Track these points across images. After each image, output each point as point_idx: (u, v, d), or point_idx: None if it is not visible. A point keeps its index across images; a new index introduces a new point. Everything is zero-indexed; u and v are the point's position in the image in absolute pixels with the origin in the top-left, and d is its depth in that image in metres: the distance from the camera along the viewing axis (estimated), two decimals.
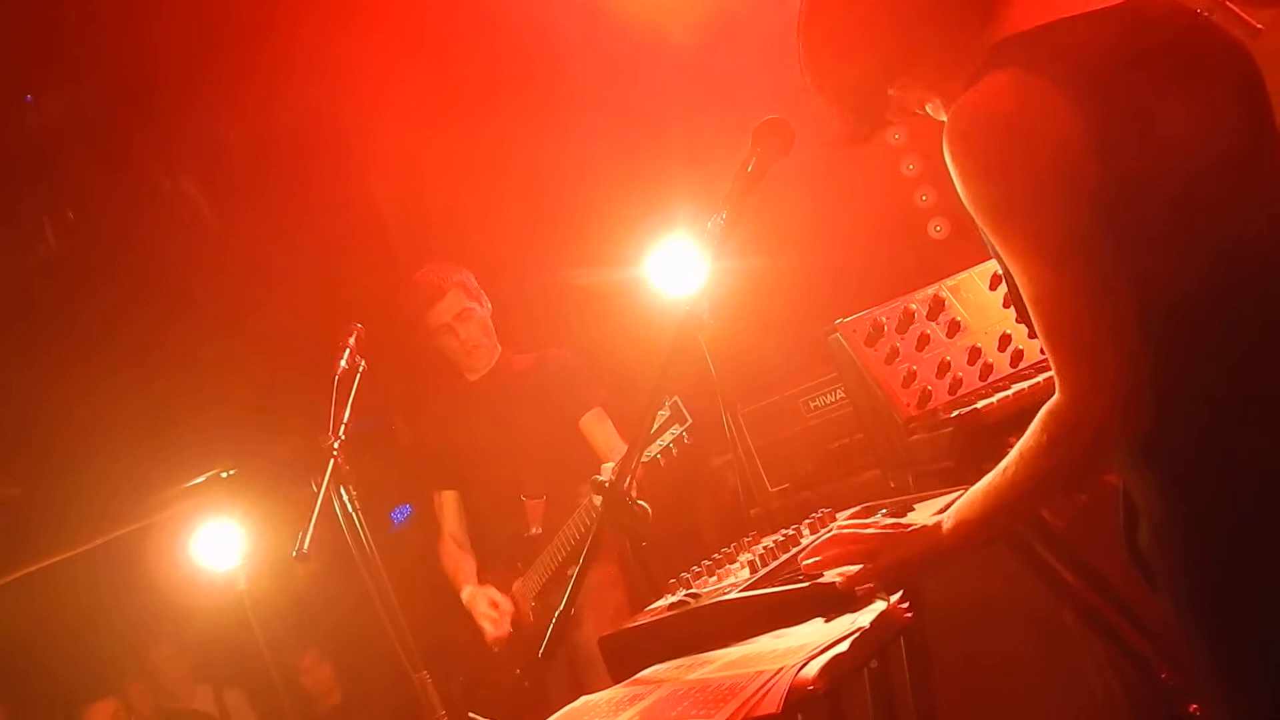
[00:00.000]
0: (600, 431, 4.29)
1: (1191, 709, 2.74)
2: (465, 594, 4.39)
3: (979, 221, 1.83)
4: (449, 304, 4.37)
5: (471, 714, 4.11)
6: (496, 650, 4.30)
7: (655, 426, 3.58)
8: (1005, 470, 1.88)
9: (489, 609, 4.31)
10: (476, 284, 4.45)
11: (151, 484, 5.64)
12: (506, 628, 4.29)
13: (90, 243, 6.21)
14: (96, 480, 5.75)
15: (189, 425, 5.70)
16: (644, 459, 3.51)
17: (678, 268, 3.21)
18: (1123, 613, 2.85)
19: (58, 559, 5.68)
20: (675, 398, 3.47)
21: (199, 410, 5.74)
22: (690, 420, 3.44)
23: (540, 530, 4.26)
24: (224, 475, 5.45)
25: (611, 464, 3.99)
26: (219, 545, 4.58)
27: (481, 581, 4.41)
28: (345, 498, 3.63)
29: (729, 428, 3.19)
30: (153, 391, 5.75)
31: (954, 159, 1.80)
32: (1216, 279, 1.76)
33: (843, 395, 4.08)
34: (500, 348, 4.49)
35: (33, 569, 5.70)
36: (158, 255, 6.04)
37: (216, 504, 4.80)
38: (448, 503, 4.57)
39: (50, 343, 6.01)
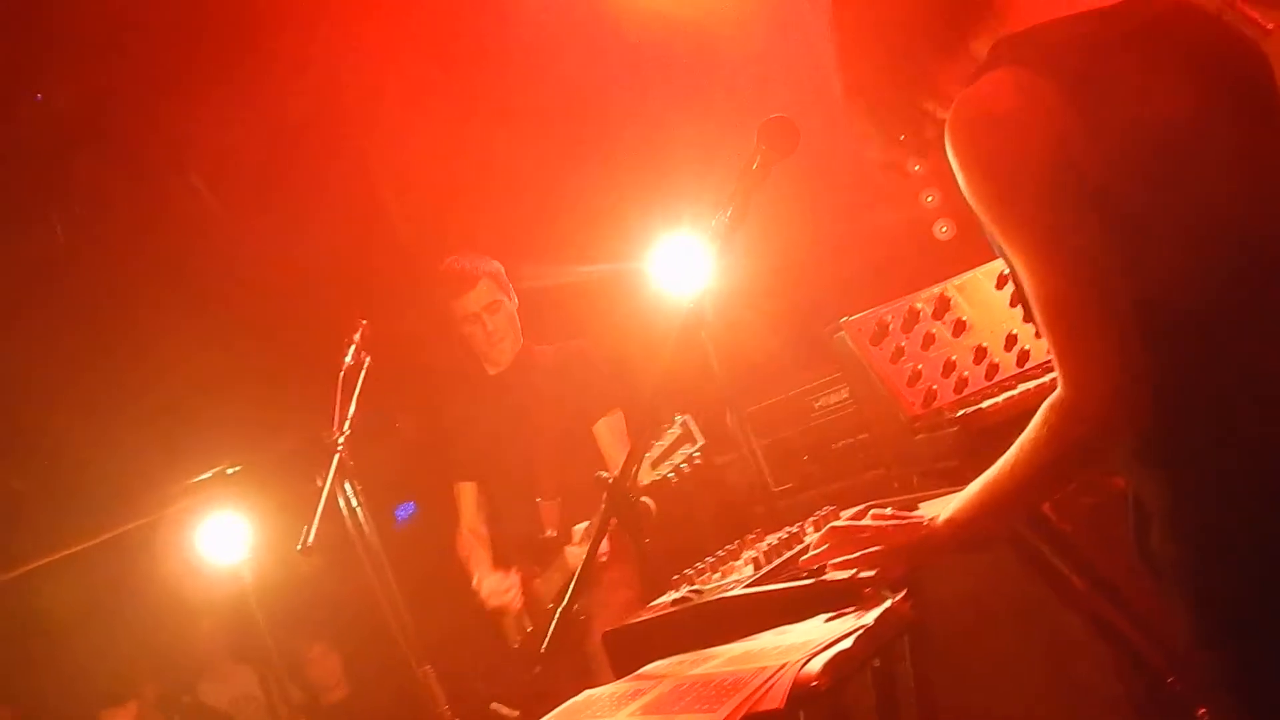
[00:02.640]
0: (611, 441, 4.24)
1: (1200, 713, 2.73)
2: (476, 580, 4.33)
3: (981, 217, 1.84)
4: (479, 294, 4.31)
5: (495, 705, 4.10)
6: (516, 647, 4.27)
7: (665, 444, 3.57)
8: (1006, 462, 1.88)
9: (498, 585, 4.24)
10: (505, 276, 4.41)
11: (159, 480, 5.65)
12: (519, 601, 4.24)
13: (99, 239, 6.22)
14: (104, 475, 5.77)
15: (196, 421, 5.71)
16: (655, 476, 3.49)
17: (682, 265, 3.22)
18: (1130, 617, 2.84)
19: (64, 554, 5.69)
20: (687, 417, 3.45)
21: (206, 406, 5.75)
22: (702, 440, 3.40)
23: (556, 533, 4.19)
24: (229, 471, 5.45)
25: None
26: (224, 539, 4.58)
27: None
28: (349, 493, 3.63)
29: (733, 427, 3.20)
30: (160, 387, 5.76)
31: (955, 155, 1.82)
32: (1221, 272, 1.76)
33: (847, 395, 4.07)
34: (523, 340, 4.45)
35: (39, 564, 5.72)
36: (166, 251, 6.05)
37: (222, 499, 4.81)
38: (466, 495, 4.51)
39: (59, 338, 6.02)
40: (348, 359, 3.88)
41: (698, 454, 3.33)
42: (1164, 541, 1.88)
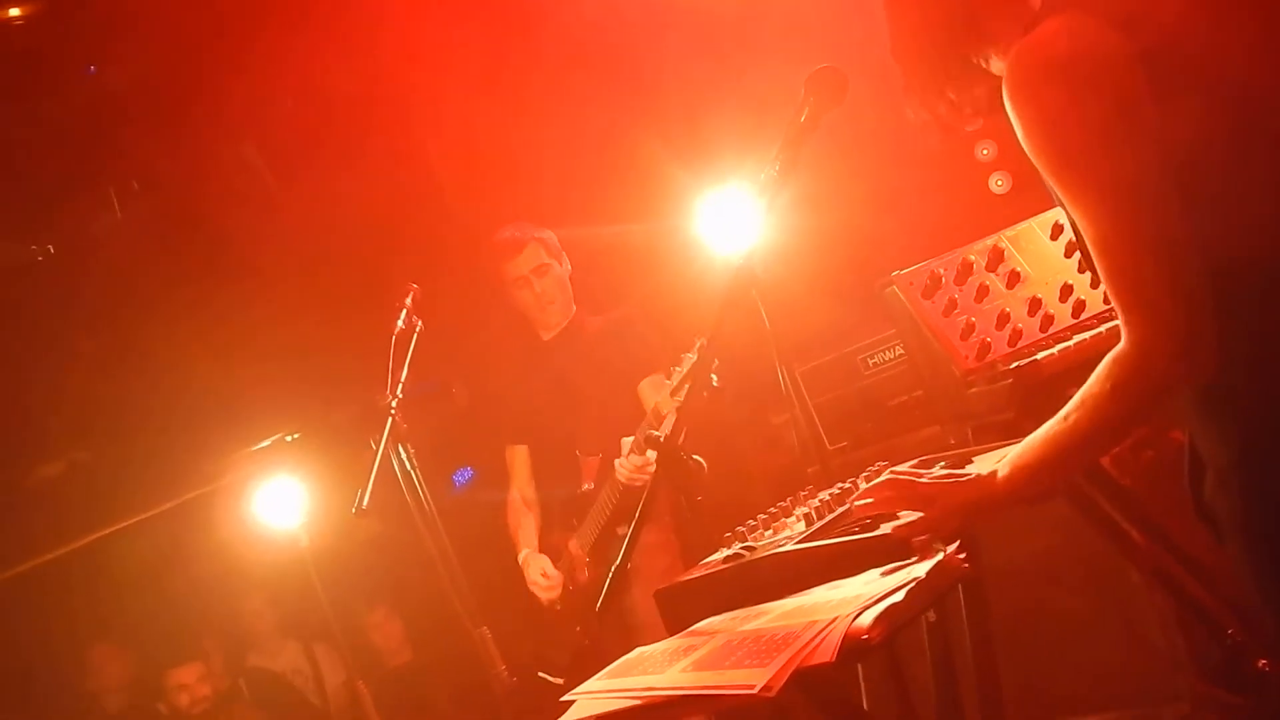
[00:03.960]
0: (654, 396, 4.27)
1: (1260, 664, 2.69)
2: (521, 557, 4.42)
3: (1040, 168, 1.81)
4: (527, 257, 4.39)
5: (541, 673, 4.15)
6: (556, 609, 4.33)
7: (685, 370, 3.56)
8: (1067, 416, 1.85)
9: (539, 578, 4.33)
10: (557, 243, 4.48)
11: (218, 449, 5.73)
12: (555, 595, 4.32)
13: (155, 212, 6.30)
14: (165, 445, 5.86)
15: (255, 391, 5.78)
16: (676, 402, 3.49)
17: (730, 222, 3.18)
18: (1189, 569, 2.80)
19: (128, 523, 5.80)
20: (702, 340, 3.43)
21: (265, 376, 5.82)
22: (717, 361, 3.38)
23: (593, 485, 4.27)
24: (289, 439, 5.52)
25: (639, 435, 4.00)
26: (281, 504, 4.64)
27: (543, 540, 4.43)
28: (404, 455, 3.66)
29: (785, 386, 3.17)
30: (220, 357, 5.83)
31: (1013, 106, 1.79)
32: None
33: (901, 352, 4.03)
34: (575, 308, 4.51)
35: (104, 533, 5.83)
36: (221, 223, 6.11)
37: (280, 466, 4.86)
38: (518, 458, 4.58)
39: (117, 311, 6.11)
40: (399, 323, 3.91)
41: (714, 376, 3.29)
42: (1219, 493, 1.86)
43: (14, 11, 5.59)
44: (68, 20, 5.63)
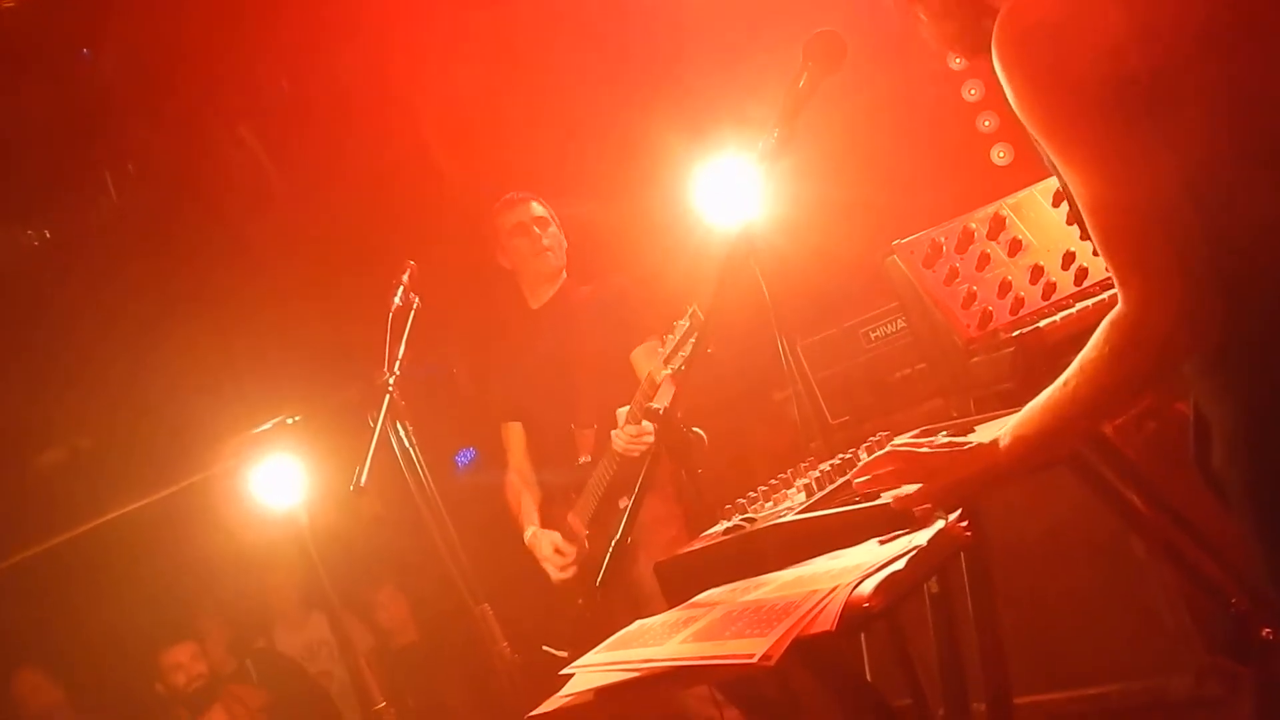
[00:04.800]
0: (647, 365, 4.25)
1: (1264, 633, 2.67)
2: (528, 535, 4.40)
3: (1032, 132, 1.78)
4: (529, 208, 4.43)
5: (545, 647, 4.13)
6: (558, 581, 4.31)
7: (677, 338, 3.52)
8: (1066, 383, 1.82)
9: (553, 554, 4.31)
10: (555, 214, 4.51)
11: (218, 432, 5.71)
12: (571, 572, 4.30)
13: (151, 196, 6.27)
14: (164, 430, 5.85)
15: (255, 373, 5.76)
16: (668, 371, 3.46)
17: (729, 192, 3.14)
18: (1193, 539, 2.78)
19: (127, 509, 5.79)
20: (694, 306, 3.39)
21: (265, 357, 5.80)
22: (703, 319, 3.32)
23: (590, 458, 4.25)
24: (289, 421, 5.50)
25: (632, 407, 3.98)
26: (279, 483, 4.62)
27: (543, 516, 4.42)
28: (402, 433, 3.64)
29: (786, 360, 3.14)
30: (218, 340, 5.81)
31: (1003, 69, 1.75)
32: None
33: (904, 325, 3.99)
34: (566, 275, 4.48)
35: (105, 519, 5.82)
36: (217, 205, 6.09)
37: (279, 446, 4.84)
38: (513, 434, 4.56)
39: (117, 298, 6.08)
40: (397, 300, 3.89)
41: (709, 347, 3.26)
42: (1227, 461, 1.83)
43: None
44: (60, 4, 5.59)
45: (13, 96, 5.71)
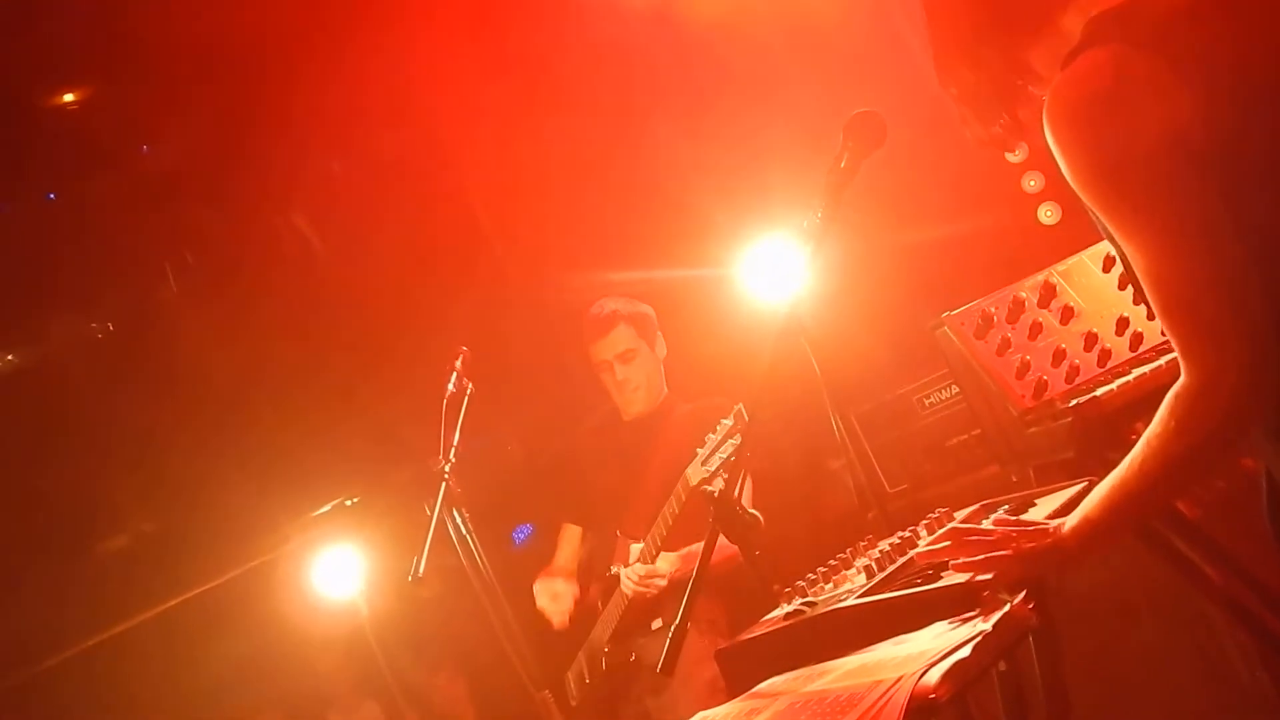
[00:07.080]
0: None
1: None
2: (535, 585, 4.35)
3: (1087, 201, 1.78)
4: (613, 340, 4.26)
5: None
6: (574, 705, 4.22)
7: (719, 437, 3.50)
8: (1133, 461, 1.80)
9: (549, 602, 4.24)
10: (653, 321, 4.35)
11: (278, 517, 5.75)
12: (566, 619, 4.22)
13: (209, 284, 6.38)
14: (226, 514, 5.90)
15: (312, 459, 5.80)
16: (703, 474, 3.47)
17: (775, 269, 3.16)
18: (1268, 602, 2.71)
19: (193, 593, 5.83)
20: (739, 405, 3.37)
21: (322, 443, 5.84)
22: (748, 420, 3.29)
23: (619, 569, 4.07)
24: (348, 503, 5.54)
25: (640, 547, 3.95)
26: (339, 572, 4.64)
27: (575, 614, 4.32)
28: (459, 520, 3.65)
29: (839, 431, 3.13)
30: (276, 424, 5.87)
31: (1056, 140, 1.76)
32: None
33: (957, 391, 3.97)
34: (667, 391, 4.36)
35: (170, 604, 5.86)
36: (273, 292, 6.18)
37: (337, 533, 4.88)
38: (569, 537, 4.49)
39: (178, 384, 6.18)
40: (450, 387, 3.92)
41: (741, 442, 3.23)
42: None
43: (68, 96, 5.73)
44: (119, 101, 5.75)
45: (76, 191, 5.86)
